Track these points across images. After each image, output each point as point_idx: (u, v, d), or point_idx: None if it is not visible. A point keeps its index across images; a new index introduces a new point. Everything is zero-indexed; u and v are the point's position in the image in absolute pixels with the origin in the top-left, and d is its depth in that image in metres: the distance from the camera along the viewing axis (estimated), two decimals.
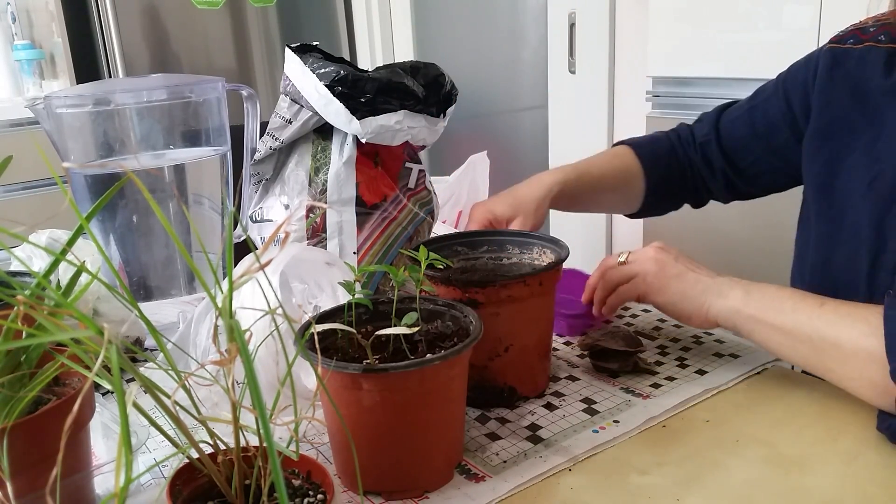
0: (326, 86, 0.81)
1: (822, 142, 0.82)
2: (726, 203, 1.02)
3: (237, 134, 0.88)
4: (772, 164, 0.92)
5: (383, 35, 2.75)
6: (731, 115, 0.95)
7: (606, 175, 1.00)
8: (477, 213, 0.94)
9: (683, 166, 1.00)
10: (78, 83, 2.36)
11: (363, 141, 0.83)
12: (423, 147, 0.94)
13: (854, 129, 0.78)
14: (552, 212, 0.98)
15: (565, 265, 0.73)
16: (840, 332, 0.63)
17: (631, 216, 1.08)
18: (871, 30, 0.79)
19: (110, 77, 2.35)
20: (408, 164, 0.91)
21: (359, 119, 0.81)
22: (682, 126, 1.02)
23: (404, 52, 2.74)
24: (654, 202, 1.03)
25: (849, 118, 0.79)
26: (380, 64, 2.82)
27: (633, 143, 1.03)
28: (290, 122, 0.86)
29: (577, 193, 0.97)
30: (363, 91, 0.82)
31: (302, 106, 0.85)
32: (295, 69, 0.85)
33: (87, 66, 2.42)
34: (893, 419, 0.61)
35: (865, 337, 0.61)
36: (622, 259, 0.79)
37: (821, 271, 0.82)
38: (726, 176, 0.96)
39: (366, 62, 2.76)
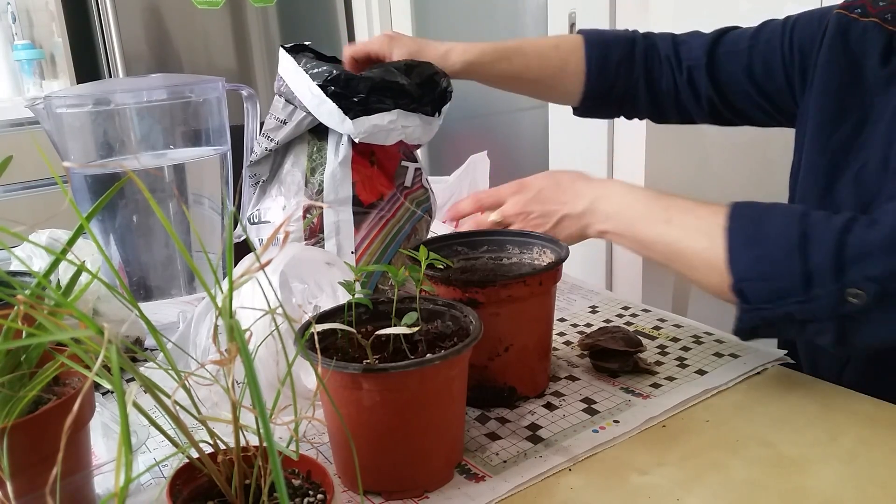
0: (319, 85, 0.81)
1: (819, 103, 0.82)
2: (699, 124, 1.01)
3: (237, 134, 0.88)
4: (761, 106, 0.91)
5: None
6: (727, 48, 0.94)
7: (532, 66, 0.98)
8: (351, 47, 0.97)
9: (636, 85, 0.98)
10: (78, 83, 2.36)
11: (356, 141, 0.83)
12: (418, 146, 0.94)
13: (846, 108, 0.78)
14: None
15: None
16: (685, 245, 0.70)
17: (577, 111, 1.06)
18: (881, 4, 0.78)
19: (110, 77, 2.36)
20: (404, 163, 0.91)
21: (352, 119, 0.81)
22: (663, 36, 1.00)
23: None
24: (592, 107, 1.02)
25: (842, 94, 0.79)
26: None
27: (588, 36, 1.00)
28: (285, 123, 0.86)
29: (492, 70, 0.96)
30: (356, 91, 0.81)
31: (296, 107, 0.85)
32: (288, 69, 0.85)
33: (87, 66, 2.42)
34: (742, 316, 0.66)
35: (705, 250, 0.68)
36: (492, 217, 0.83)
37: None
38: (712, 103, 0.95)
39: None
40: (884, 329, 0.62)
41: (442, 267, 0.66)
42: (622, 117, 1.06)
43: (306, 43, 0.91)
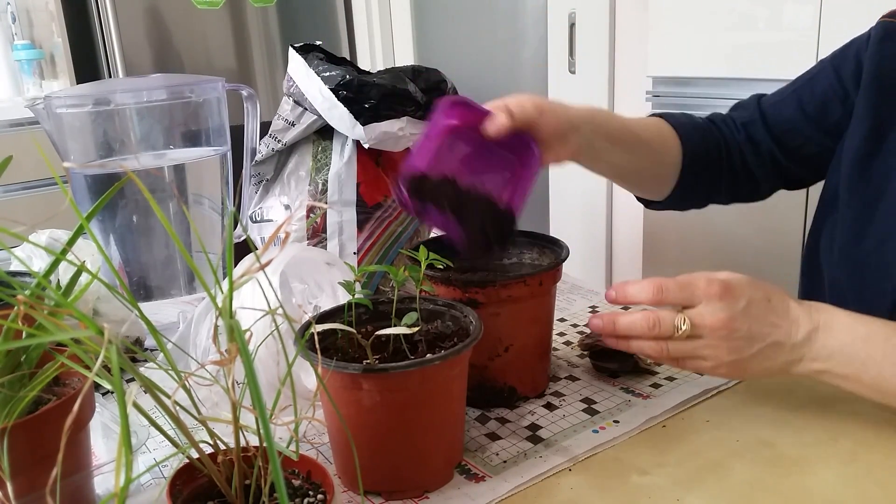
0: (331, 89, 0.81)
1: (865, 112, 0.79)
2: (769, 194, 0.93)
3: (237, 134, 0.88)
4: (824, 145, 0.85)
5: (383, 35, 2.75)
6: (773, 99, 0.89)
7: (638, 128, 0.87)
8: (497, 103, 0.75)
9: (720, 143, 0.90)
10: (78, 83, 2.36)
11: (366, 146, 0.84)
12: None
13: (892, 114, 0.77)
14: (552, 212, 0.96)
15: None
16: None
17: (659, 205, 0.95)
18: None
19: (110, 77, 2.36)
20: None
21: (362, 125, 0.81)
22: (716, 114, 0.94)
23: (404, 52, 2.74)
24: (691, 180, 0.90)
25: (892, 95, 0.77)
26: (380, 64, 2.82)
27: (664, 114, 0.92)
28: (293, 125, 0.86)
29: (607, 134, 0.81)
30: (368, 97, 0.82)
31: (305, 109, 0.85)
32: (299, 70, 0.85)
33: (87, 66, 2.42)
34: None
35: None
36: (683, 328, 0.62)
37: (849, 253, 0.78)
38: (774, 158, 0.89)
39: (366, 62, 2.77)
40: None
41: (442, 267, 0.66)
42: (727, 196, 0.95)
43: (317, 43, 0.91)
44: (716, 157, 0.90)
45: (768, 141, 0.88)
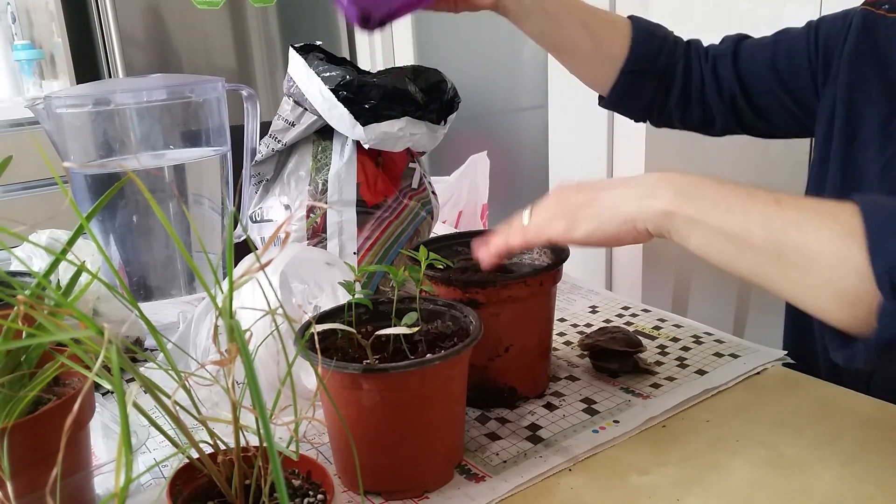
0: (331, 90, 0.81)
1: (839, 107, 0.80)
2: (723, 134, 0.94)
3: (237, 134, 0.88)
4: (784, 104, 0.87)
5: (383, 35, 2.75)
6: (753, 42, 0.90)
7: (588, 10, 0.88)
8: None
9: (677, 61, 0.92)
10: (78, 83, 2.36)
11: (367, 147, 0.84)
12: (422, 153, 0.94)
13: (872, 100, 0.77)
14: None
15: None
16: (804, 233, 0.51)
17: (603, 101, 0.96)
18: None
19: (110, 77, 2.35)
20: (411, 164, 0.91)
21: (362, 125, 0.81)
22: (697, 40, 0.95)
23: (404, 52, 2.74)
24: (629, 81, 0.90)
25: (869, 86, 0.78)
26: (380, 64, 2.82)
27: (639, 18, 0.93)
28: (293, 125, 0.86)
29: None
30: (368, 97, 0.82)
31: (305, 109, 0.85)
32: (299, 70, 0.85)
33: (87, 66, 2.42)
34: (851, 343, 0.51)
35: (838, 237, 0.50)
36: (525, 222, 0.64)
37: None
38: (733, 97, 0.89)
39: (366, 62, 2.76)
40: None
41: (442, 267, 0.66)
42: (652, 112, 0.97)
43: (317, 43, 0.91)
44: (663, 70, 0.91)
45: (731, 78, 0.89)
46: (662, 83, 0.93)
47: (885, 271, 0.48)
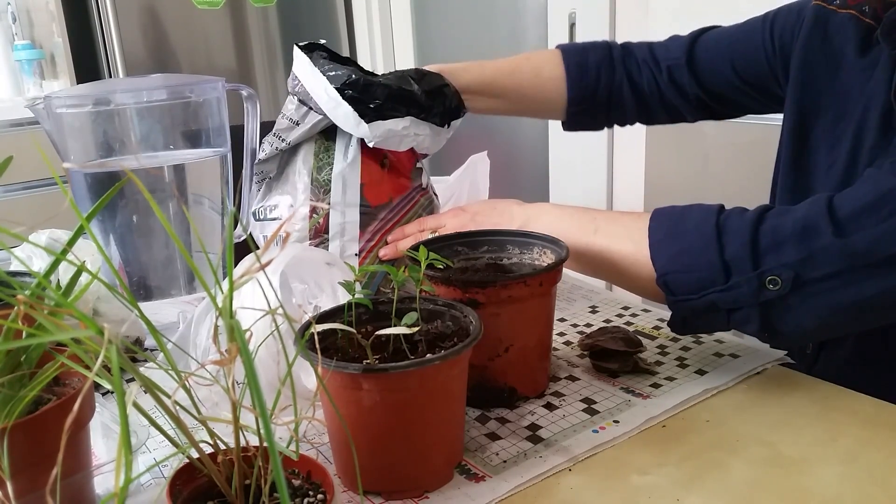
0: (336, 88, 0.82)
1: (791, 107, 0.82)
2: (696, 121, 1.01)
3: (237, 134, 0.88)
4: (750, 95, 0.92)
5: (383, 35, 2.76)
6: (707, 44, 0.94)
7: (513, 77, 0.99)
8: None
9: (621, 83, 0.99)
10: (78, 83, 2.36)
11: (371, 145, 0.84)
12: (426, 155, 0.94)
13: (824, 102, 0.78)
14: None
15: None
16: (614, 250, 0.73)
17: (566, 126, 1.06)
18: None
19: (110, 77, 2.36)
20: (418, 165, 0.92)
21: (367, 123, 0.81)
22: (638, 44, 1.01)
23: (404, 52, 2.74)
24: (579, 116, 1.02)
25: (819, 85, 0.79)
26: (380, 64, 2.82)
27: (566, 48, 1.01)
28: (298, 125, 0.86)
29: (467, 85, 0.95)
30: (373, 96, 0.82)
31: (310, 108, 0.85)
32: (304, 69, 0.85)
33: (87, 66, 2.43)
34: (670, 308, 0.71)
35: (632, 253, 0.72)
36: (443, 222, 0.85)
37: None
38: (699, 99, 0.96)
39: (366, 62, 2.77)
40: (805, 316, 0.65)
41: (442, 267, 0.66)
42: (615, 125, 1.05)
43: (321, 42, 0.91)
44: (607, 98, 0.99)
45: (692, 84, 0.94)
46: (613, 106, 1.00)
47: (661, 274, 0.69)
